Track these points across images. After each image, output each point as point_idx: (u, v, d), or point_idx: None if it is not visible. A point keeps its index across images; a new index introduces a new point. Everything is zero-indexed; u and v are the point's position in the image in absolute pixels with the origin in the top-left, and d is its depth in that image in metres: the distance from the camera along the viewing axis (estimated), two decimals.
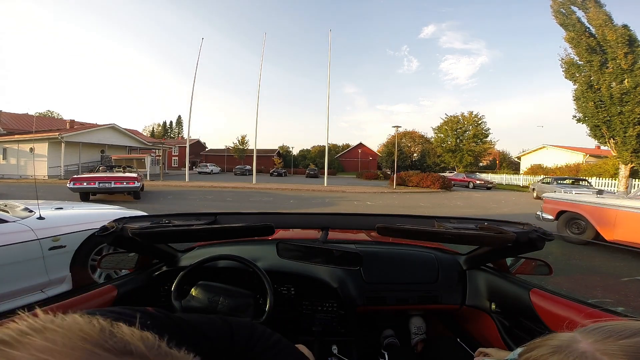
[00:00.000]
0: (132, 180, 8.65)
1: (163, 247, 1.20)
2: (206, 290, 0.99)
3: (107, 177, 8.57)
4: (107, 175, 8.79)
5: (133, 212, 3.10)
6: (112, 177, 8.68)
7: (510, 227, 0.89)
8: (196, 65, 19.40)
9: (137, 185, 8.63)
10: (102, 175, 8.78)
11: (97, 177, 8.63)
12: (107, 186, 8.33)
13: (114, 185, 8.37)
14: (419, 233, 0.90)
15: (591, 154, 23.19)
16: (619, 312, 0.90)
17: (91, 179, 8.48)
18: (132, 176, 8.92)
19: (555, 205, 5.55)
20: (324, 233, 1.06)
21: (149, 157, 18.40)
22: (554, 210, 5.53)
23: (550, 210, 5.63)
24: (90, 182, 8.29)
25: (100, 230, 0.90)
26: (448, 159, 35.04)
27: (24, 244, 2.05)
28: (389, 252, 1.36)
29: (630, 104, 13.94)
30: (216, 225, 0.99)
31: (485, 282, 1.18)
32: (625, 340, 0.37)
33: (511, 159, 43.16)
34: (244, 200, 10.19)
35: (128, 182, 8.57)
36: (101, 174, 9.13)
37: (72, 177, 8.72)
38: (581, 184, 13.40)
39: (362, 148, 48.62)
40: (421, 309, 1.27)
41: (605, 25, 14.42)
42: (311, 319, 1.17)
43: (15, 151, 19.25)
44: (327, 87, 18.13)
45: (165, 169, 27.67)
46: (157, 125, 74.08)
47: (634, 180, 15.77)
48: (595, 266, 3.90)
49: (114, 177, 8.66)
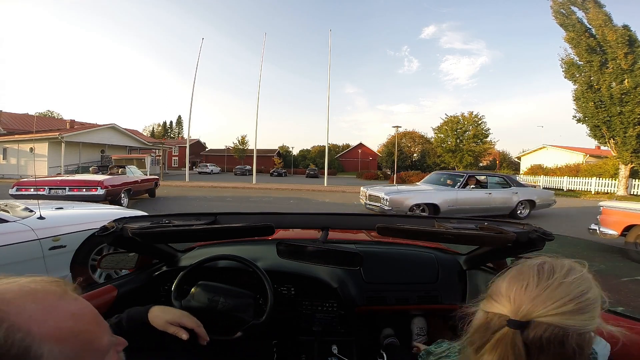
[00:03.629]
0: (93, 186, 6.63)
1: (163, 247, 1.20)
2: (206, 290, 0.99)
3: (62, 182, 6.73)
4: (63, 180, 6.96)
5: (133, 212, 3.10)
6: (68, 181, 6.83)
7: (510, 227, 0.89)
8: (196, 65, 19.44)
9: (101, 193, 6.62)
10: (55, 180, 7.01)
11: (48, 181, 6.94)
12: (59, 194, 6.49)
13: (68, 192, 6.49)
14: (419, 233, 0.90)
15: (591, 154, 23.19)
16: (619, 312, 0.90)
17: (41, 183, 6.78)
18: (94, 180, 6.90)
19: (622, 217, 4.35)
20: (324, 233, 1.06)
21: (149, 157, 18.36)
22: (620, 223, 4.33)
23: (613, 223, 4.43)
24: (39, 189, 6.56)
25: (101, 230, 0.90)
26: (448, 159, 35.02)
27: (25, 243, 2.05)
28: (389, 252, 1.36)
29: (630, 104, 13.95)
30: (216, 225, 0.99)
31: (485, 282, 1.18)
32: None
33: (511, 159, 43.18)
34: (244, 200, 10.19)
35: (89, 189, 6.59)
36: (53, 178, 7.39)
37: (18, 181, 7.03)
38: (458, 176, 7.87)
39: (362, 148, 48.64)
40: (421, 309, 1.27)
41: (605, 25, 14.43)
42: (311, 319, 1.16)
43: (15, 151, 19.26)
44: (327, 87, 18.15)
45: (166, 169, 27.69)
46: (157, 125, 74.15)
47: (634, 180, 15.76)
48: (595, 266, 3.89)
49: (71, 182, 6.76)
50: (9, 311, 0.29)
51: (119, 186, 7.50)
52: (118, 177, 7.99)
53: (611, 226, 4.43)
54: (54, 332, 0.31)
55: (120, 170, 8.86)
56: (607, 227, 4.47)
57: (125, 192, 7.71)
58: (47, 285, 0.34)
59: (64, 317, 0.33)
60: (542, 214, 8.14)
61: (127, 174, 8.64)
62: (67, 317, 0.33)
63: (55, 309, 0.33)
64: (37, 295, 0.33)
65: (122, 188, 7.58)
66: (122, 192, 7.55)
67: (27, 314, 0.30)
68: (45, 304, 0.32)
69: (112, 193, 7.00)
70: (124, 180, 7.93)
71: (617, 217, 4.42)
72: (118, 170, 8.85)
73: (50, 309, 0.32)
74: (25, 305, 0.31)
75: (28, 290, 0.33)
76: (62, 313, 0.33)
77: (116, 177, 7.89)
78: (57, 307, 0.33)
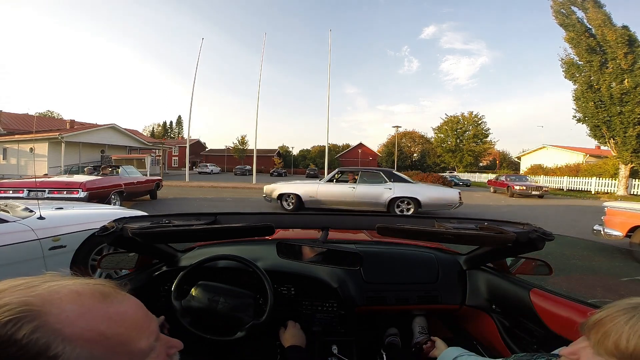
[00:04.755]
0: (74, 188, 6.25)
1: (163, 247, 1.20)
2: (206, 290, 0.99)
3: (41, 184, 6.29)
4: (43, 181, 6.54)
5: (133, 212, 3.10)
6: (48, 183, 6.42)
7: (510, 227, 0.89)
8: (196, 65, 19.41)
9: (82, 195, 6.22)
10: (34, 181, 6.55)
11: (27, 183, 6.46)
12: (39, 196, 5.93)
13: (48, 194, 6.11)
14: (419, 233, 0.90)
15: (591, 154, 23.19)
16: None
17: (20, 185, 6.34)
18: (75, 182, 6.45)
19: (627, 218, 4.22)
20: (324, 233, 1.06)
21: (149, 157, 18.38)
22: (625, 224, 4.21)
23: (618, 224, 4.30)
24: (18, 191, 6.12)
25: (101, 230, 0.90)
26: (448, 159, 35.08)
27: (25, 244, 2.05)
28: (389, 252, 1.36)
29: (630, 104, 13.97)
30: (216, 225, 0.99)
31: (485, 282, 1.19)
32: None
33: (511, 159, 43.20)
34: (244, 200, 10.18)
35: (70, 191, 6.20)
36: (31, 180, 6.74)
37: None
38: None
39: (362, 148, 48.65)
40: (421, 308, 1.27)
41: (605, 25, 14.44)
42: (311, 319, 1.16)
43: (15, 151, 19.26)
44: (327, 88, 18.14)
45: (166, 169, 27.69)
46: (157, 125, 74.20)
47: (634, 180, 15.77)
48: (595, 266, 3.89)
49: (51, 184, 6.35)
50: (47, 311, 0.31)
51: (108, 187, 7.10)
52: (108, 178, 7.57)
53: (616, 227, 4.31)
54: (83, 333, 0.32)
55: (114, 170, 8.44)
56: (612, 228, 4.35)
57: (116, 194, 7.28)
58: (94, 287, 0.36)
59: (98, 319, 0.34)
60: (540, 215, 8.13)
61: (121, 175, 8.18)
62: (102, 320, 0.34)
63: (91, 311, 0.34)
64: (80, 297, 0.34)
65: (111, 190, 7.16)
66: (112, 194, 7.15)
67: (65, 315, 0.32)
68: (83, 305, 0.34)
69: (97, 195, 6.54)
70: (114, 181, 7.51)
71: (622, 218, 4.29)
72: (110, 170, 8.42)
73: (86, 311, 0.34)
74: (64, 306, 0.32)
75: (72, 291, 0.34)
76: (98, 315, 0.34)
77: (104, 178, 7.45)
78: (94, 309, 0.34)
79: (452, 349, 0.90)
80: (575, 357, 0.48)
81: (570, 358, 0.48)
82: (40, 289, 0.33)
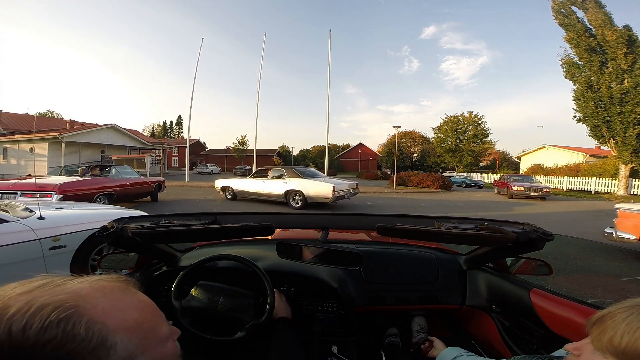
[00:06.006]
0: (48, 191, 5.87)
1: (163, 247, 1.20)
2: (206, 290, 0.99)
3: (14, 187, 5.87)
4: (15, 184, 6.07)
5: (133, 212, 3.11)
6: (20, 185, 5.99)
7: (511, 227, 0.89)
8: (196, 65, 19.43)
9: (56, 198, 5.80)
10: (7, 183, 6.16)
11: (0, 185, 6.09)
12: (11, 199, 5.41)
13: (20, 197, 5.67)
14: (419, 233, 0.90)
15: (591, 154, 23.19)
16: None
17: None
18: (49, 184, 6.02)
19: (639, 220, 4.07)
20: (324, 233, 1.06)
21: (149, 157, 18.35)
22: (638, 226, 4.05)
23: (631, 227, 4.13)
24: None
25: (101, 230, 0.90)
26: (448, 159, 35.07)
27: (25, 244, 2.05)
28: (389, 252, 1.36)
29: (630, 104, 13.97)
30: (216, 225, 0.99)
31: (485, 282, 1.18)
32: None
33: (511, 159, 43.21)
34: (244, 200, 10.18)
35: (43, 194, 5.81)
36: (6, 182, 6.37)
37: None
38: None
39: (362, 148, 48.67)
40: (421, 308, 1.27)
41: (605, 25, 14.43)
42: (311, 319, 1.16)
43: (15, 151, 19.25)
44: (328, 88, 18.17)
45: (166, 169, 27.68)
46: (157, 125, 74.19)
47: (634, 180, 15.77)
48: (595, 266, 3.89)
49: (24, 187, 5.92)
50: (86, 306, 0.33)
51: (92, 190, 6.66)
52: (94, 179, 7.12)
53: (629, 230, 4.12)
54: (124, 323, 0.35)
55: (105, 170, 7.97)
56: (625, 230, 4.16)
57: (103, 196, 6.87)
58: (112, 282, 0.39)
59: (130, 309, 0.37)
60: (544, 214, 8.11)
61: (113, 175, 7.72)
62: (133, 309, 0.37)
63: (122, 302, 0.37)
64: (106, 290, 0.37)
65: (96, 192, 6.71)
66: (98, 196, 6.75)
67: (101, 308, 0.34)
68: (113, 298, 0.36)
69: (75, 199, 6.02)
70: (103, 183, 7.06)
71: (635, 221, 4.10)
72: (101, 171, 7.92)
73: (118, 303, 0.36)
74: (97, 301, 0.34)
75: (98, 286, 0.36)
76: (128, 306, 0.37)
77: (88, 179, 6.95)
78: (123, 301, 0.37)
79: (451, 349, 0.90)
80: (578, 352, 0.50)
81: (574, 353, 0.51)
82: (67, 287, 0.34)
